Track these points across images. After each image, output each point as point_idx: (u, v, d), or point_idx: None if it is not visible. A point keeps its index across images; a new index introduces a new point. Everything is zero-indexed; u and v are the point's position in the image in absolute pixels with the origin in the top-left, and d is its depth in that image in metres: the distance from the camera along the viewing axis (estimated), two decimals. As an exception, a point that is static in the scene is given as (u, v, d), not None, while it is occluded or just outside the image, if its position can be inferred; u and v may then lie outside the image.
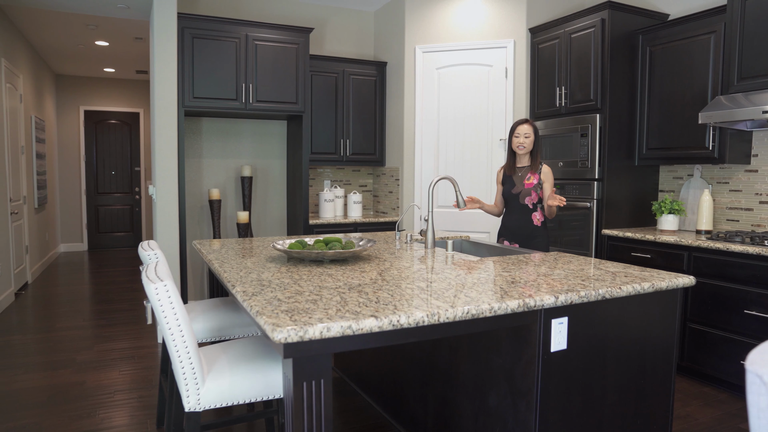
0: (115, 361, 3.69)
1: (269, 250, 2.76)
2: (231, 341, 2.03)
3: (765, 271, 2.95)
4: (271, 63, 4.44)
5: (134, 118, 9.07)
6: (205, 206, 4.86)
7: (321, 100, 4.99)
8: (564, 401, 1.85)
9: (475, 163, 4.76)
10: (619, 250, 3.80)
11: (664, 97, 3.80)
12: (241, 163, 5.00)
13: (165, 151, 4.04)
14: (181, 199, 4.13)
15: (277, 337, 1.33)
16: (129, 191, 9.14)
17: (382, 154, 5.32)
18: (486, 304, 1.63)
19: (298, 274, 2.08)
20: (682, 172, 4.03)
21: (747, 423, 2.84)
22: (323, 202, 5.07)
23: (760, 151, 3.55)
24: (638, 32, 3.95)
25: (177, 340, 1.64)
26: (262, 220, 5.12)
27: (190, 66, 4.17)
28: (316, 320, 1.43)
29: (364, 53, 5.51)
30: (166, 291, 1.62)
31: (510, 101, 4.61)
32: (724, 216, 3.76)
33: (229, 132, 4.93)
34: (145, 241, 2.57)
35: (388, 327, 1.47)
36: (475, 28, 4.66)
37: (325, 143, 5.05)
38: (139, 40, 6.44)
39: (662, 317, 2.07)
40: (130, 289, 6.03)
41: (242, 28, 4.32)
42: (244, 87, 4.35)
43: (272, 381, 1.78)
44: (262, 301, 1.63)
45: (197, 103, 4.21)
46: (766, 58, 3.15)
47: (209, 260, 2.47)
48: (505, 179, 3.33)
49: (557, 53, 4.26)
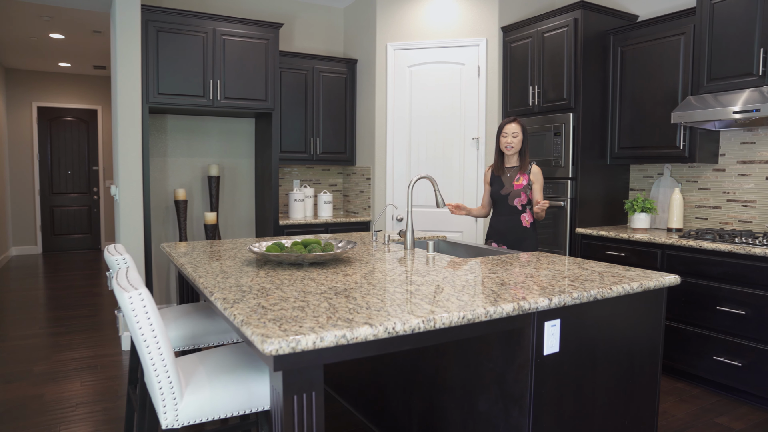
0: (76, 372, 3.49)
1: (244, 252, 2.64)
2: (208, 351, 1.92)
3: (736, 268, 3.01)
4: (239, 59, 4.30)
5: (92, 115, 8.70)
6: (171, 207, 4.67)
7: (290, 98, 4.87)
8: (556, 405, 1.82)
9: (447, 162, 4.73)
10: (593, 248, 3.83)
11: (635, 97, 3.85)
12: (207, 162, 4.82)
13: (128, 150, 3.85)
14: (145, 200, 3.95)
15: (267, 349, 1.24)
16: (87, 191, 8.76)
17: (353, 153, 5.23)
18: (481, 308, 1.57)
19: (278, 279, 1.98)
20: (652, 170, 4.09)
21: (722, 417, 2.89)
22: (293, 202, 4.95)
23: (727, 150, 3.63)
24: (609, 32, 3.99)
25: (153, 352, 1.52)
26: (229, 221, 4.96)
27: (155, 61, 3.99)
28: (307, 329, 1.34)
29: (334, 50, 5.41)
30: (141, 300, 1.50)
31: (483, 100, 4.60)
32: (693, 214, 3.84)
33: (195, 130, 4.75)
34: (111, 245, 2.42)
35: (384, 335, 1.39)
36: (448, 26, 4.62)
37: (295, 142, 4.93)
38: (98, 33, 6.15)
39: (649, 316, 2.07)
40: (90, 293, 5.76)
41: (209, 22, 4.16)
42: (211, 83, 4.19)
43: (255, 393, 1.68)
44: (246, 309, 1.53)
45: (162, 100, 4.03)
46: (734, 61, 3.21)
47: (181, 264, 2.34)
48: (493, 179, 3.27)
49: (530, 52, 4.27)
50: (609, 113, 4.04)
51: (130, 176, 3.86)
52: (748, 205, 3.53)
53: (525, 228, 3.19)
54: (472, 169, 4.67)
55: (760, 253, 2.89)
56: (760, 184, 3.47)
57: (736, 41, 3.20)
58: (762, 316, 2.91)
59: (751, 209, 3.51)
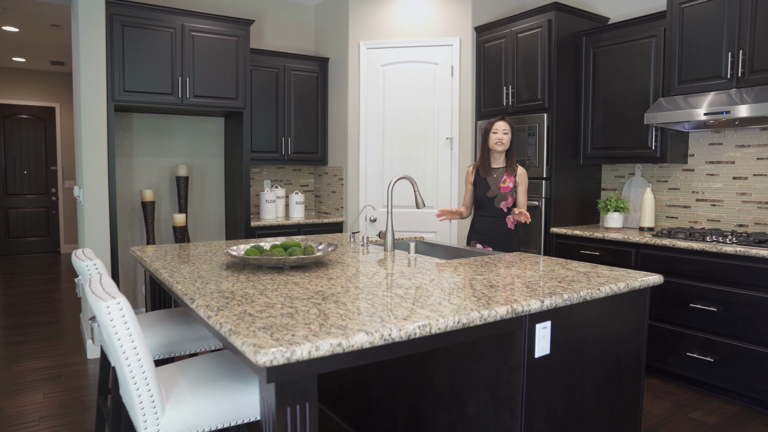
0: (38, 383, 3.32)
1: (220, 256, 2.55)
2: (188, 360, 1.83)
3: (708, 266, 3.08)
4: (209, 56, 4.17)
5: (49, 113, 8.34)
6: (137, 209, 4.50)
7: (261, 97, 4.76)
8: (547, 407, 1.81)
9: (421, 162, 4.71)
10: (568, 248, 3.87)
11: (607, 98, 3.91)
12: (175, 162, 4.67)
13: (93, 150, 3.69)
14: (111, 202, 3.78)
15: (261, 361, 1.18)
16: (44, 192, 8.39)
17: (325, 153, 5.16)
18: (476, 312, 1.54)
19: (261, 283, 1.91)
20: (624, 170, 4.16)
21: (696, 412, 2.95)
22: (264, 203, 4.84)
23: (696, 151, 3.72)
24: (582, 34, 4.04)
25: (133, 364, 1.43)
26: (198, 222, 4.82)
27: (120, 57, 3.82)
28: (300, 338, 1.28)
29: (305, 48, 5.32)
30: (119, 309, 1.41)
31: (456, 100, 4.59)
32: (664, 213, 3.92)
33: (162, 129, 4.59)
34: (79, 250, 2.30)
35: (380, 342, 1.34)
36: (421, 25, 4.60)
37: (266, 141, 4.82)
38: (56, 27, 5.89)
39: (633, 316, 2.08)
40: (49, 299, 5.51)
41: (178, 17, 4.02)
42: (180, 81, 4.05)
43: (241, 404, 1.61)
44: (232, 317, 1.46)
45: (129, 98, 3.87)
46: (703, 64, 3.29)
47: (155, 269, 2.23)
48: (478, 180, 3.20)
49: (504, 52, 4.28)
50: (582, 114, 4.09)
51: (94, 177, 3.70)
52: (716, 205, 3.62)
53: (509, 230, 3.16)
54: (445, 169, 4.66)
55: (731, 251, 2.96)
56: (727, 184, 3.56)
57: (705, 45, 3.28)
58: (733, 313, 2.99)
59: (719, 208, 3.61)
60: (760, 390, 2.91)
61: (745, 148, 3.47)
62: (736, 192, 3.52)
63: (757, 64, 3.06)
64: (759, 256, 2.87)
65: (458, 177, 4.61)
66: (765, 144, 3.38)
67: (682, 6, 3.38)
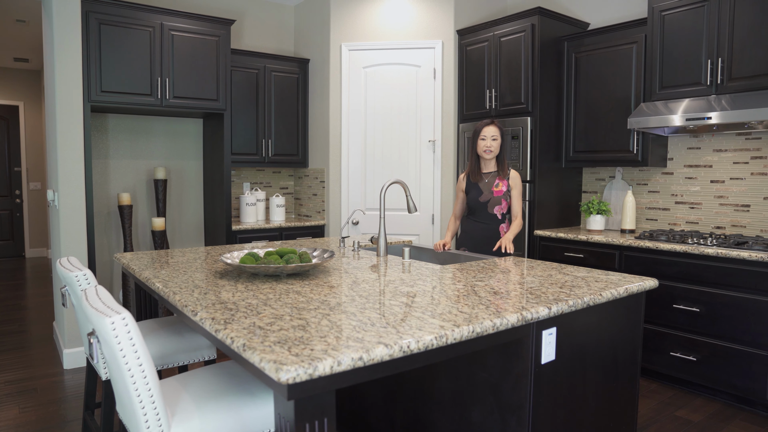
0: (12, 397, 3.17)
1: (210, 263, 2.48)
2: (188, 374, 1.77)
3: (690, 268, 3.16)
4: (189, 56, 4.07)
5: (12, 111, 8.01)
6: (113, 213, 4.36)
7: (241, 98, 4.68)
8: (552, 413, 1.82)
9: (403, 165, 4.70)
10: (552, 250, 3.92)
11: (589, 102, 3.97)
12: (153, 165, 4.54)
13: (69, 152, 3.55)
14: (88, 206, 3.65)
15: (283, 378, 1.14)
16: (8, 194, 8.06)
17: (306, 155, 5.10)
18: (488, 320, 1.54)
19: (261, 293, 1.86)
20: (604, 173, 4.24)
21: (681, 410, 3.02)
22: (245, 206, 4.76)
23: (675, 154, 3.81)
24: (564, 39, 4.09)
25: (138, 382, 1.38)
26: (177, 227, 4.70)
27: (97, 56, 3.69)
28: (320, 352, 1.25)
29: (284, 49, 5.25)
30: (125, 325, 1.35)
31: (438, 102, 4.60)
32: (644, 215, 4.01)
33: (139, 130, 4.46)
34: (64, 258, 2.20)
35: (399, 354, 1.32)
36: (403, 27, 4.59)
37: (246, 143, 4.74)
38: (22, 23, 5.66)
39: (630, 320, 2.11)
40: (17, 306, 5.29)
41: (157, 16, 3.91)
42: (159, 81, 3.94)
43: (248, 419, 1.56)
44: (242, 331, 1.41)
45: (106, 98, 3.74)
46: (684, 70, 3.37)
47: (146, 278, 2.16)
48: (469, 186, 3.11)
49: (486, 56, 4.31)
50: (564, 117, 4.15)
51: (70, 181, 3.56)
52: (694, 207, 3.72)
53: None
54: (428, 172, 4.66)
55: (712, 253, 3.04)
56: (705, 187, 3.66)
57: (685, 52, 3.36)
58: (715, 313, 3.07)
59: (698, 210, 3.71)
60: (740, 387, 3.00)
61: (722, 153, 3.57)
62: (713, 195, 3.63)
63: (735, 72, 3.16)
64: (739, 258, 2.96)
65: (441, 180, 4.62)
66: (741, 149, 3.49)
67: (663, 14, 3.46)
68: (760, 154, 3.41)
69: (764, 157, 3.40)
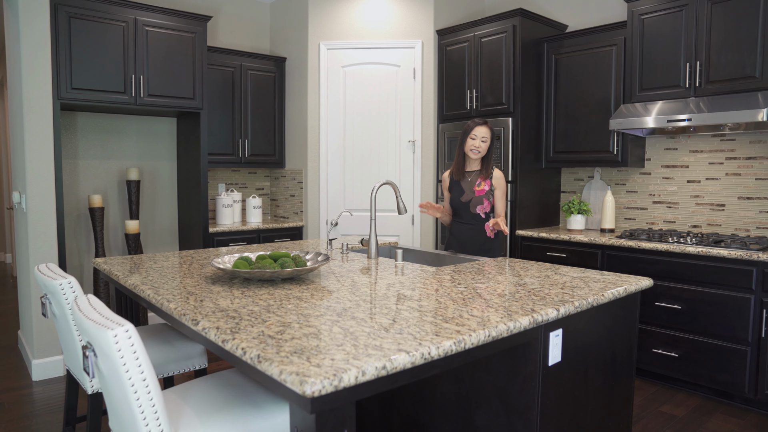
0: (-21, 411, 2.99)
1: (198, 268, 2.39)
2: (185, 385, 1.69)
3: (672, 266, 3.23)
4: (164, 53, 3.93)
5: (-35, 109, 7.60)
6: (83, 215, 4.17)
7: (217, 97, 4.55)
8: (557, 415, 1.81)
9: (383, 166, 4.66)
10: (534, 250, 3.95)
11: (569, 103, 4.02)
12: (125, 165, 4.37)
13: (38, 153, 3.38)
14: (59, 209, 3.48)
15: (309, 391, 1.09)
16: (-40, 197, 7.65)
17: (282, 156, 5.01)
18: (502, 324, 1.51)
19: (260, 299, 1.79)
20: (583, 174, 4.30)
21: (665, 406, 3.09)
22: (221, 208, 4.64)
23: (652, 155, 3.90)
24: (543, 40, 4.13)
25: (142, 398, 1.30)
26: (150, 229, 4.54)
27: (67, 51, 3.52)
28: (342, 362, 1.20)
29: (260, 47, 5.14)
30: (128, 338, 1.27)
31: (418, 102, 4.58)
32: (622, 215, 4.09)
33: (110, 129, 4.28)
34: (42, 265, 2.08)
35: (420, 361, 1.29)
36: (382, 26, 4.56)
37: (222, 144, 4.62)
38: (-21, 16, 5.36)
39: (627, 318, 2.13)
40: (-24, 315, 5.02)
41: (130, 10, 3.76)
42: (134, 79, 3.79)
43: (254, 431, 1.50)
44: (254, 341, 1.35)
45: (77, 96, 3.58)
46: (663, 73, 3.45)
47: (133, 285, 2.06)
48: (452, 185, 3.08)
49: (467, 56, 4.31)
50: (543, 118, 4.19)
51: (39, 182, 3.39)
52: (672, 207, 3.81)
53: (488, 238, 3.03)
54: (408, 172, 4.64)
55: (693, 251, 3.12)
56: (682, 187, 3.76)
57: (664, 55, 3.44)
58: (695, 310, 3.15)
59: (675, 210, 3.80)
60: (719, 381, 3.08)
61: (698, 153, 3.67)
62: (690, 195, 3.72)
63: (713, 75, 3.24)
64: (720, 256, 3.04)
65: (421, 180, 4.61)
66: (716, 150, 3.59)
67: (643, 18, 3.53)
68: (735, 155, 3.52)
69: (738, 157, 3.50)
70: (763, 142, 3.40)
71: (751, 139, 3.45)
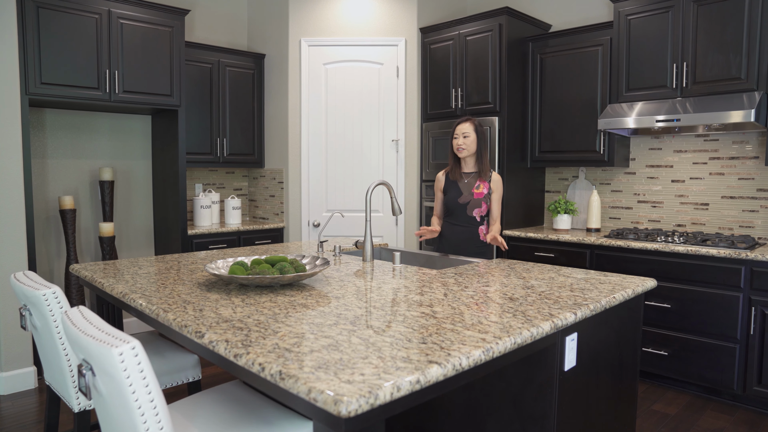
0: (-57, 430, 2.78)
1: (186, 273, 2.26)
2: (187, 402, 1.58)
3: (661, 265, 3.26)
4: (140, 47, 3.75)
5: None
6: (53, 217, 3.96)
7: (194, 94, 4.39)
8: (571, 419, 1.77)
9: (366, 165, 4.58)
10: (521, 250, 3.93)
11: (555, 103, 4.02)
12: (97, 165, 4.17)
13: (5, 152, 3.17)
14: (28, 211, 3.28)
15: (344, 411, 1.00)
16: None
17: (261, 155, 4.88)
18: (526, 330, 1.46)
19: (264, 307, 1.69)
20: (567, 173, 4.31)
21: (657, 404, 3.10)
22: (199, 209, 4.47)
23: (637, 155, 3.93)
24: (528, 40, 4.12)
25: (150, 421, 1.19)
26: (124, 232, 4.34)
27: (35, 44, 3.32)
28: (372, 377, 1.12)
29: (237, 43, 4.98)
30: (135, 356, 1.16)
31: (402, 101, 4.52)
32: (608, 214, 4.11)
33: (81, 127, 4.07)
34: (20, 273, 1.93)
35: (452, 372, 1.22)
36: (365, 23, 4.47)
37: (199, 142, 4.46)
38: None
39: (632, 320, 2.11)
40: (-67, 325, 4.70)
41: (103, 1, 3.57)
42: (108, 74, 3.60)
43: (267, 450, 1.40)
44: (269, 355, 1.26)
45: (47, 91, 3.37)
46: (650, 73, 3.47)
47: (122, 294, 1.92)
48: (448, 186, 3.02)
49: (452, 54, 4.27)
50: (529, 117, 4.18)
51: (7, 183, 3.18)
52: (656, 206, 3.85)
53: (482, 242, 2.98)
54: (391, 172, 4.57)
55: (682, 250, 3.14)
56: (666, 186, 3.80)
57: (651, 55, 3.46)
58: (684, 308, 3.18)
59: (659, 209, 3.84)
60: (708, 378, 3.12)
61: (683, 153, 3.71)
62: (674, 194, 3.76)
63: (699, 75, 3.28)
64: (708, 255, 3.07)
65: (404, 180, 4.55)
66: (700, 149, 3.64)
67: (629, 18, 3.55)
68: (718, 155, 3.57)
69: (722, 157, 3.56)
70: (745, 142, 3.46)
71: (734, 139, 3.50)
